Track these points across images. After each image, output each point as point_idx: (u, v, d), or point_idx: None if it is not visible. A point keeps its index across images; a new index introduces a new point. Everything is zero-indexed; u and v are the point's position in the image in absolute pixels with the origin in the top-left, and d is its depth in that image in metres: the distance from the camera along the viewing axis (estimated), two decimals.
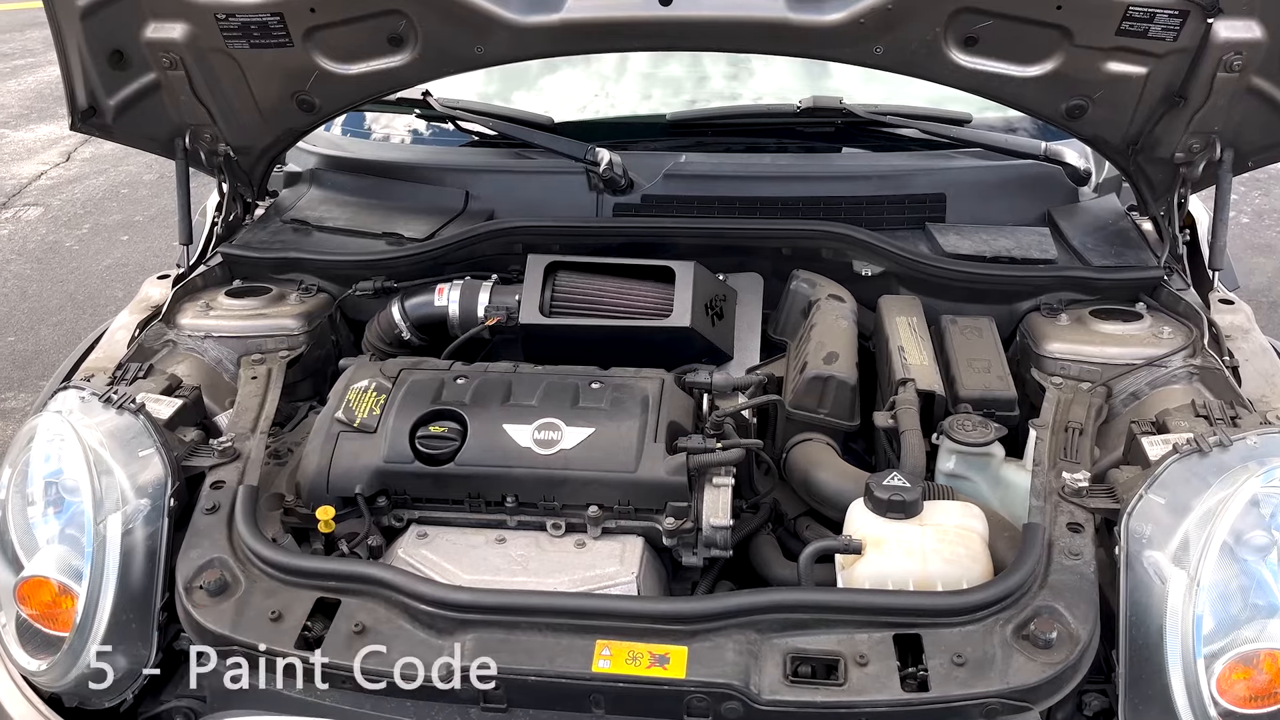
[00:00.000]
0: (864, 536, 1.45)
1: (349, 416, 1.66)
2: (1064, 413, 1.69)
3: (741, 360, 1.96)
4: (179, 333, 1.96)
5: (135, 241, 5.43)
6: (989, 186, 2.25)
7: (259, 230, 2.24)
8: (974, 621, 1.32)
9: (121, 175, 6.19)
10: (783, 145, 2.41)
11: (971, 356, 1.83)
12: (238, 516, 1.50)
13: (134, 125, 2.07)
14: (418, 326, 2.02)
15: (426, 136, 2.56)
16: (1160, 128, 1.89)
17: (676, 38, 1.93)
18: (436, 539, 1.59)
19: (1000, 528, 1.55)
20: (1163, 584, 1.31)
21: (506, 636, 1.34)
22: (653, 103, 2.69)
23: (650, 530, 1.59)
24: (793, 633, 1.33)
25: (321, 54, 1.94)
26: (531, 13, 1.83)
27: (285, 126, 2.13)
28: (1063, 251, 2.08)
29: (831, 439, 1.79)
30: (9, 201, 6.02)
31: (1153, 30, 1.73)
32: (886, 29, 1.80)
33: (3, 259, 5.26)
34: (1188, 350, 1.78)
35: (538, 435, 1.60)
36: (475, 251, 2.10)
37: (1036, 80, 1.87)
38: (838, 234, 2.06)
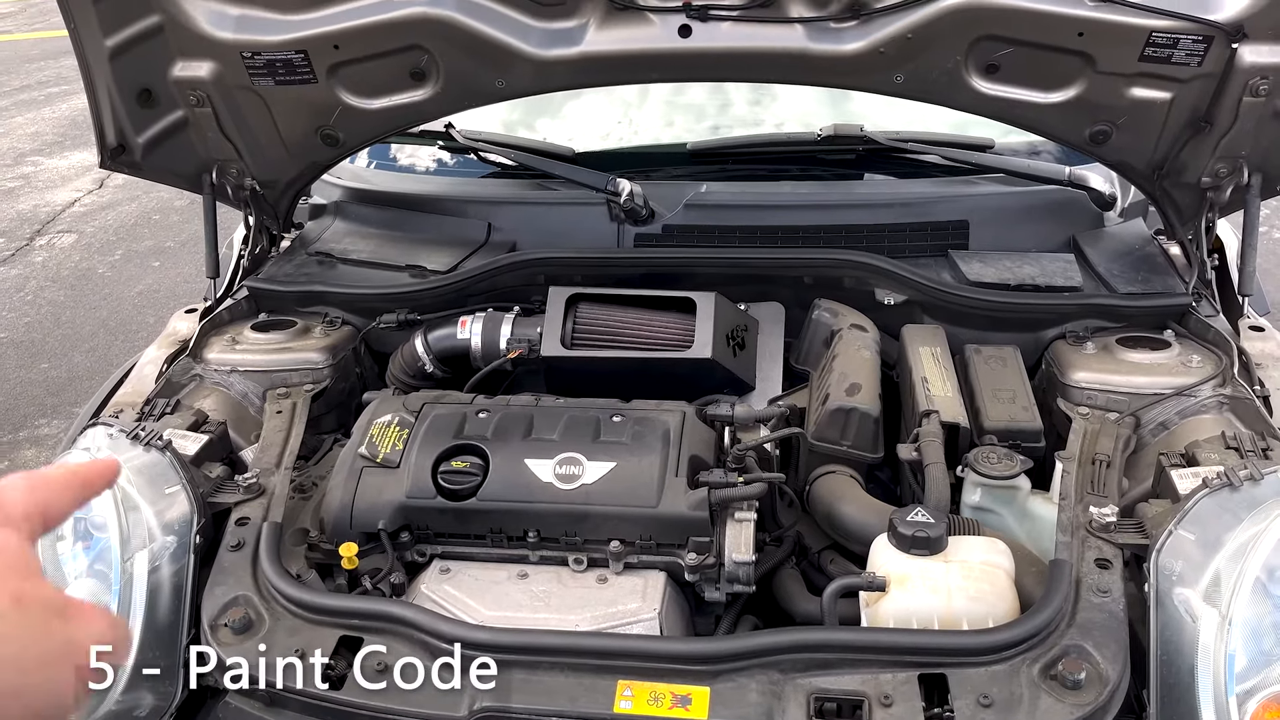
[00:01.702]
0: (888, 573, 1.43)
1: (372, 451, 1.67)
2: (1091, 444, 1.67)
3: (764, 390, 1.96)
4: (206, 367, 1.98)
5: (166, 268, 5.50)
6: (1012, 212, 2.23)
7: (284, 263, 2.27)
8: (1000, 661, 1.30)
9: (153, 202, 6.28)
10: (804, 173, 2.40)
11: (996, 387, 1.82)
12: (262, 554, 1.51)
13: (162, 162, 2.10)
14: (441, 359, 2.03)
15: (450, 167, 2.59)
16: (1186, 153, 1.88)
17: (696, 69, 1.94)
18: (459, 574, 1.60)
19: (1027, 562, 1.53)
20: (1194, 622, 1.29)
21: (528, 676, 1.33)
22: (675, 130, 2.70)
23: (672, 565, 1.58)
24: (816, 672, 1.32)
25: (345, 89, 1.96)
26: (551, 46, 1.85)
27: (310, 161, 2.16)
28: (1088, 278, 2.05)
29: (855, 471, 1.77)
30: (43, 229, 6.13)
31: (1176, 56, 1.72)
32: (907, 58, 1.80)
33: (37, 286, 5.35)
34: (1217, 379, 1.76)
35: (559, 470, 1.60)
36: (498, 283, 2.11)
37: (1059, 106, 1.86)
38: (860, 262, 2.05)
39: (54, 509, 0.59)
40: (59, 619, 0.53)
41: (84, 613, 0.55)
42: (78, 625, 0.54)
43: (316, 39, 1.86)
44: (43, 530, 0.58)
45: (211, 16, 1.87)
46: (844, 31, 1.79)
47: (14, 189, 6.80)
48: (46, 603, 0.53)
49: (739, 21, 1.79)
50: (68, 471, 0.62)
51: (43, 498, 0.59)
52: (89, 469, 0.64)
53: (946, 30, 1.75)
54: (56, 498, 0.60)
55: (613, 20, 1.82)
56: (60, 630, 0.53)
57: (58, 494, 0.60)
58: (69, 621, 0.53)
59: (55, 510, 0.59)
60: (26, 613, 0.51)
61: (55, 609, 0.53)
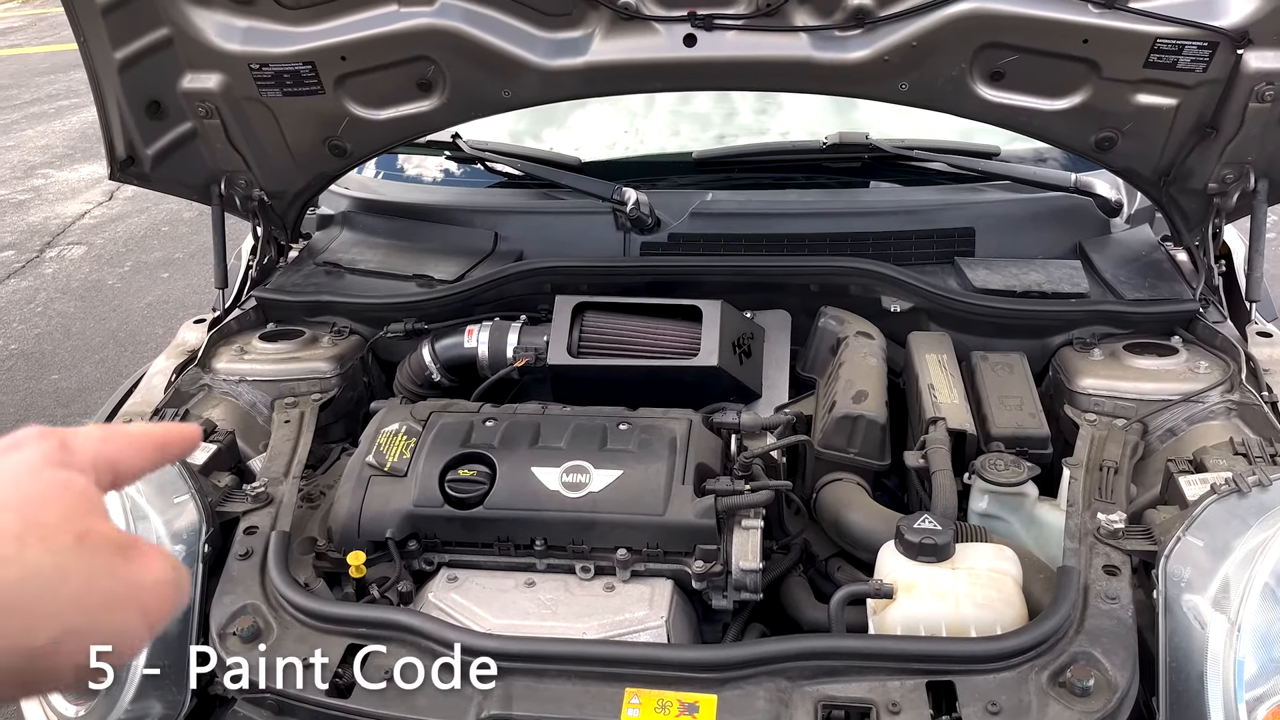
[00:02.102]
0: (895, 580, 1.43)
1: (379, 460, 1.67)
2: (1098, 451, 1.66)
3: (770, 398, 1.96)
4: (214, 377, 1.99)
5: (175, 279, 5.53)
6: (1018, 219, 2.23)
7: (292, 273, 2.28)
8: (1009, 668, 1.29)
9: (162, 213, 6.32)
10: (810, 181, 2.41)
11: (1003, 394, 1.81)
12: (270, 562, 1.51)
13: (171, 173, 2.11)
14: (448, 368, 2.03)
15: (457, 177, 2.60)
16: (1192, 159, 1.88)
17: (701, 78, 1.95)
18: (466, 582, 1.60)
19: (1035, 569, 1.52)
20: (1203, 629, 1.29)
21: (535, 684, 1.33)
22: (681, 138, 2.71)
23: (679, 573, 1.58)
24: (824, 680, 1.31)
25: (352, 100, 1.98)
26: (557, 57, 1.86)
27: (317, 171, 2.17)
28: (1095, 285, 2.05)
29: (862, 478, 1.77)
30: (53, 241, 6.17)
31: (1182, 62, 1.72)
32: (911, 66, 1.80)
33: (47, 297, 5.39)
34: (1225, 385, 1.75)
35: (566, 478, 1.61)
36: (504, 292, 2.12)
37: (1064, 113, 1.86)
38: (866, 270, 2.05)
39: (125, 465, 0.57)
40: (122, 559, 0.51)
41: (147, 553, 0.53)
42: (141, 566, 0.52)
43: (324, 50, 1.87)
44: (110, 484, 0.56)
45: (220, 29, 1.88)
46: (848, 40, 1.79)
47: (24, 201, 6.84)
48: (110, 541, 0.51)
49: (744, 31, 1.80)
50: (144, 431, 0.60)
51: (115, 451, 0.57)
52: (167, 432, 0.61)
53: (951, 38, 1.75)
54: (130, 455, 0.58)
55: (618, 30, 1.83)
56: (124, 570, 0.51)
57: (131, 451, 0.58)
58: (131, 562, 0.52)
59: (126, 467, 0.57)
60: (90, 551, 0.50)
61: (119, 548, 0.51)
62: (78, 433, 0.56)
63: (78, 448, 0.55)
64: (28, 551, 0.48)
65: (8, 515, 0.48)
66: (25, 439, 0.54)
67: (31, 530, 0.48)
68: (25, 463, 0.52)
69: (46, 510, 0.50)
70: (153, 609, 0.52)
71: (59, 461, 0.53)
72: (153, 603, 0.52)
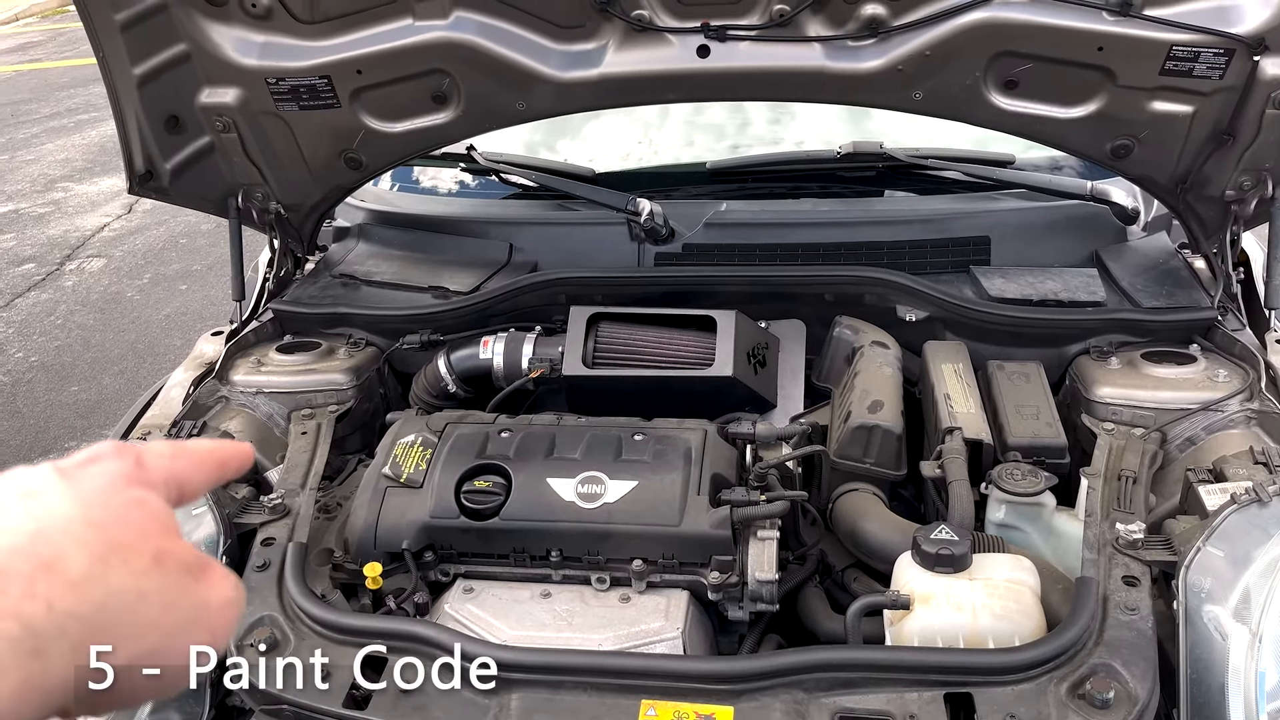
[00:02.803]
0: (912, 591, 1.42)
1: (395, 472, 1.68)
2: (1117, 460, 1.65)
3: (785, 408, 1.96)
4: (231, 389, 2.00)
5: (193, 290, 5.57)
6: (1034, 228, 2.22)
7: (309, 285, 2.29)
8: (1027, 680, 1.29)
9: (180, 226, 6.37)
10: (824, 191, 2.41)
11: (1020, 403, 1.80)
12: (287, 574, 1.52)
13: (189, 187, 2.13)
14: (463, 379, 2.04)
15: (472, 189, 2.61)
16: (1209, 166, 1.86)
17: (715, 89, 1.95)
18: (482, 594, 1.60)
19: (1053, 580, 1.51)
20: (1224, 640, 1.28)
21: (551, 696, 1.33)
22: (695, 149, 2.71)
23: (695, 584, 1.58)
24: (841, 692, 1.31)
25: (368, 113, 1.99)
26: (571, 69, 1.87)
27: (333, 184, 2.18)
28: (1112, 293, 2.04)
29: (878, 488, 1.77)
30: (73, 253, 6.22)
31: (1198, 69, 1.72)
32: (925, 75, 1.80)
33: (67, 310, 5.43)
34: (1245, 394, 1.74)
35: (581, 489, 1.61)
36: (519, 303, 2.13)
37: (1080, 121, 1.85)
38: (880, 279, 2.05)
39: (190, 483, 0.58)
40: (192, 580, 0.52)
41: (214, 574, 0.54)
42: (209, 587, 0.53)
43: (339, 64, 1.89)
44: (177, 501, 0.57)
45: (237, 44, 1.89)
46: (862, 50, 1.79)
47: (45, 215, 6.91)
48: (182, 563, 0.52)
49: (757, 41, 1.80)
50: (209, 449, 0.61)
51: (183, 468, 0.58)
52: (227, 451, 0.62)
53: (965, 47, 1.75)
54: (195, 472, 0.59)
55: (632, 42, 1.84)
56: (195, 591, 0.52)
57: (196, 468, 0.59)
58: (200, 583, 0.53)
59: (191, 485, 0.58)
60: (166, 572, 0.51)
61: (190, 570, 0.52)
62: (150, 449, 0.57)
63: (151, 465, 0.55)
64: (111, 573, 0.48)
65: (92, 533, 0.49)
66: (103, 453, 0.54)
67: (114, 551, 0.49)
68: (106, 479, 0.52)
69: (127, 530, 0.50)
70: (219, 629, 0.54)
71: (136, 479, 0.54)
72: (219, 623, 0.54)
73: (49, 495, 0.50)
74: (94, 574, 0.48)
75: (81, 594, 0.47)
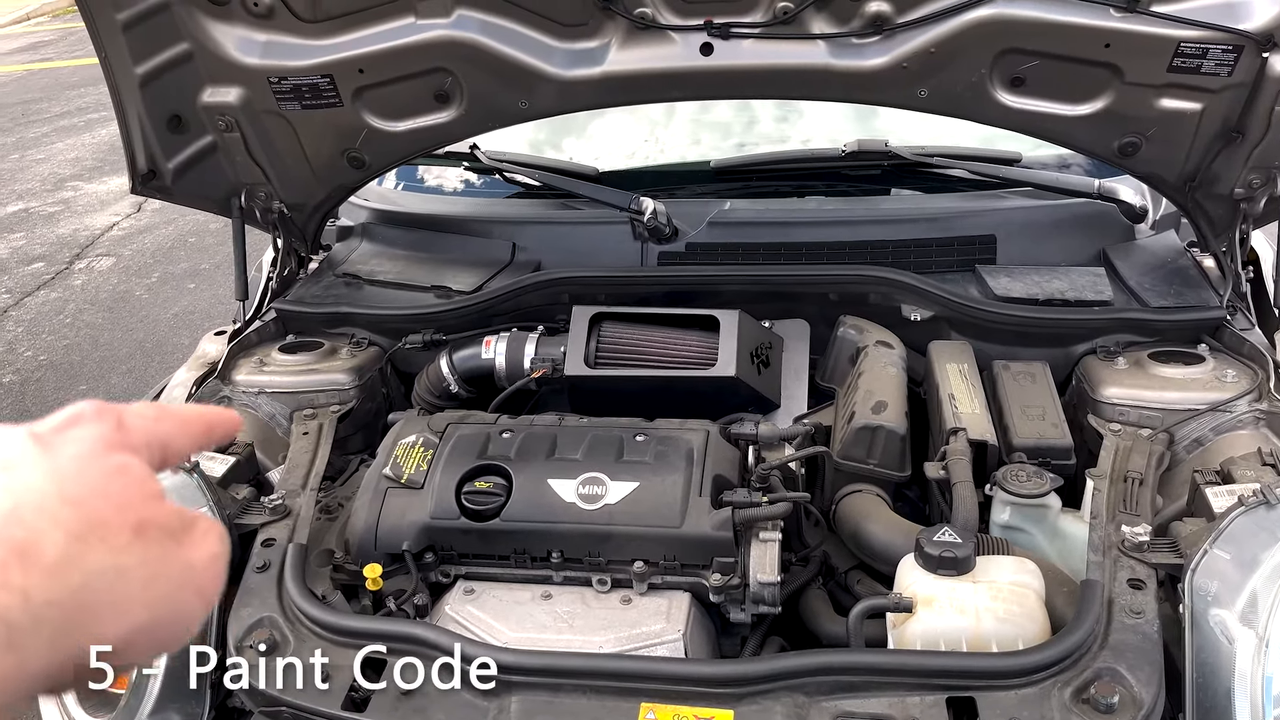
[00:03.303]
0: (915, 594, 1.41)
1: (396, 472, 1.67)
2: (1123, 461, 1.64)
3: (789, 408, 1.94)
4: (234, 389, 2.00)
5: (201, 289, 5.58)
6: (1041, 226, 2.20)
7: (312, 285, 2.29)
8: (1031, 684, 1.27)
9: (189, 225, 6.38)
10: (829, 189, 2.39)
11: (1025, 403, 1.79)
12: (287, 575, 1.52)
13: (192, 186, 2.13)
14: (465, 379, 2.03)
15: (475, 188, 2.60)
16: (1218, 164, 1.85)
17: (719, 87, 1.94)
18: (483, 595, 1.59)
19: (1058, 582, 1.50)
20: (1230, 644, 1.26)
21: (551, 699, 1.33)
22: (701, 147, 2.70)
23: (697, 586, 1.57)
24: (842, 695, 1.30)
25: (370, 112, 1.98)
26: (574, 67, 1.86)
27: (336, 183, 2.18)
28: (1119, 292, 2.02)
29: (882, 490, 1.76)
30: (82, 252, 6.24)
31: (1206, 66, 1.70)
32: (930, 73, 1.79)
33: (76, 309, 5.45)
34: (1253, 394, 1.72)
35: (582, 490, 1.60)
36: (522, 303, 2.12)
37: (1087, 119, 1.84)
38: (885, 278, 2.04)
39: (174, 445, 0.57)
40: (175, 543, 0.52)
41: (197, 531, 0.53)
42: (192, 547, 0.52)
43: (342, 63, 1.88)
44: (160, 464, 0.56)
45: (239, 43, 1.89)
46: (866, 47, 1.78)
47: (54, 214, 6.94)
48: (165, 529, 0.51)
49: (761, 39, 1.79)
50: (195, 412, 0.60)
51: (166, 430, 0.56)
52: (213, 415, 0.61)
53: (970, 44, 1.73)
54: (179, 435, 0.57)
55: (635, 40, 1.83)
56: (179, 555, 0.51)
57: (181, 432, 0.58)
58: (184, 545, 0.52)
59: (175, 447, 0.57)
60: (147, 543, 0.50)
61: (172, 533, 0.52)
62: (132, 410, 0.55)
63: (132, 426, 0.54)
64: (90, 554, 0.47)
65: (68, 510, 0.48)
66: (83, 415, 0.53)
67: (92, 530, 0.48)
68: (84, 444, 0.51)
69: (106, 502, 0.49)
70: (207, 587, 0.53)
71: (117, 442, 0.52)
72: (207, 581, 0.53)
73: (24, 468, 0.48)
74: (71, 556, 0.46)
75: (59, 580, 0.46)
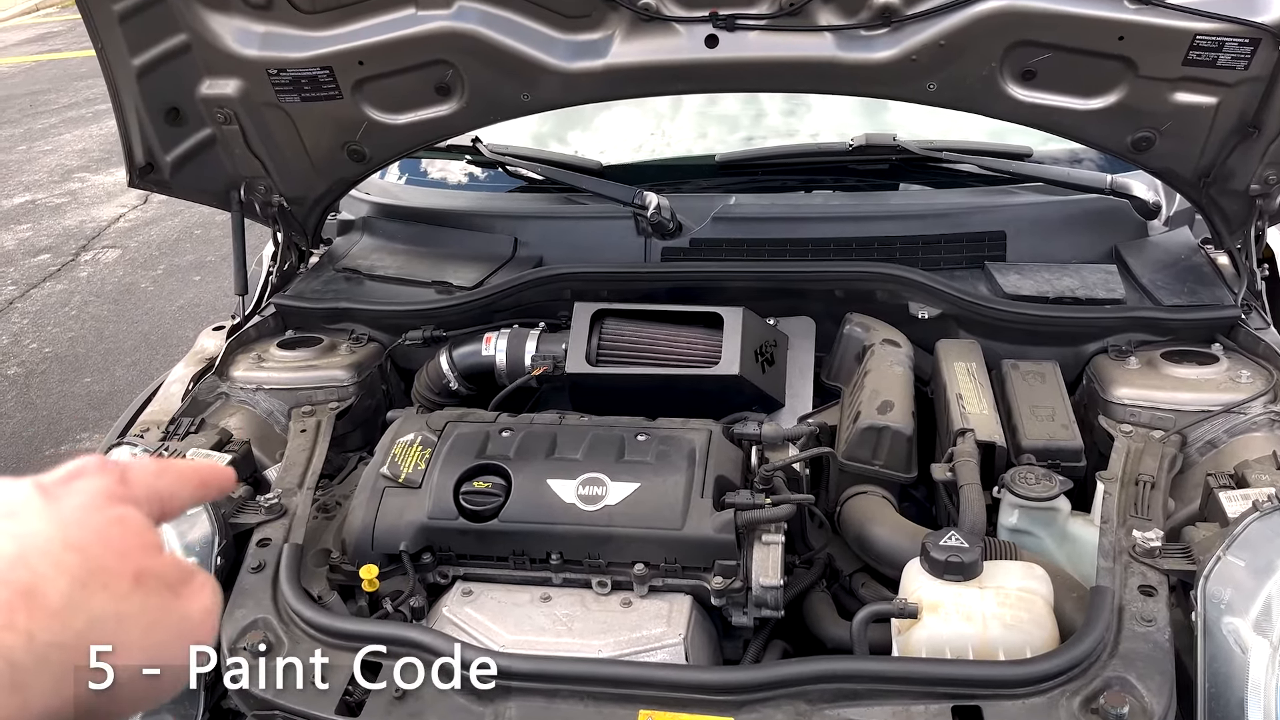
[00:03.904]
0: (920, 599, 1.38)
1: (394, 471, 1.65)
2: (1134, 464, 1.60)
3: (793, 407, 1.91)
4: (232, 385, 1.98)
5: (207, 282, 5.58)
6: (1051, 223, 2.17)
7: (312, 280, 2.27)
8: (1039, 693, 1.24)
9: (195, 217, 6.37)
10: (836, 184, 2.36)
11: (1034, 404, 1.75)
12: (282, 576, 1.49)
13: (190, 179, 2.11)
14: (465, 376, 2.01)
15: (479, 182, 2.58)
16: (1233, 159, 1.81)
17: (724, 80, 1.91)
18: (481, 597, 1.57)
19: (1067, 587, 1.47)
20: (1243, 653, 1.23)
21: (548, 704, 1.30)
22: (708, 141, 2.67)
23: (698, 589, 1.54)
24: (845, 703, 1.27)
25: (370, 105, 1.96)
26: (577, 59, 1.83)
27: (337, 176, 2.15)
28: (1131, 290, 1.99)
29: (888, 491, 1.73)
30: (89, 244, 6.24)
31: (1222, 59, 1.66)
32: (939, 65, 1.76)
33: (82, 301, 5.45)
34: (1268, 395, 1.68)
35: (582, 491, 1.57)
36: (523, 299, 2.09)
37: (1099, 113, 1.80)
38: (892, 275, 2.00)
39: (173, 501, 0.59)
40: (173, 595, 0.53)
41: (193, 584, 0.55)
42: (189, 600, 0.54)
43: (341, 55, 1.86)
44: (159, 517, 0.57)
45: (237, 34, 1.87)
46: (874, 39, 1.75)
47: (61, 205, 6.94)
48: (163, 580, 0.53)
49: (767, 31, 1.76)
50: (191, 468, 0.63)
51: (167, 485, 0.58)
52: (210, 471, 0.64)
53: (980, 36, 1.70)
54: (178, 490, 0.59)
55: (639, 32, 1.80)
56: (175, 607, 0.53)
57: (180, 486, 0.60)
58: (180, 597, 0.54)
59: (174, 503, 0.59)
60: (147, 593, 0.52)
61: (170, 585, 0.53)
62: (134, 466, 0.58)
63: (134, 480, 0.56)
64: (92, 599, 0.49)
65: (72, 557, 0.49)
66: (86, 469, 0.55)
67: (95, 576, 0.50)
68: (88, 496, 0.53)
69: (107, 550, 0.51)
70: (202, 639, 0.55)
71: (119, 495, 0.54)
72: (202, 633, 0.55)
73: (29, 516, 0.50)
74: (75, 600, 0.48)
75: (63, 622, 0.48)
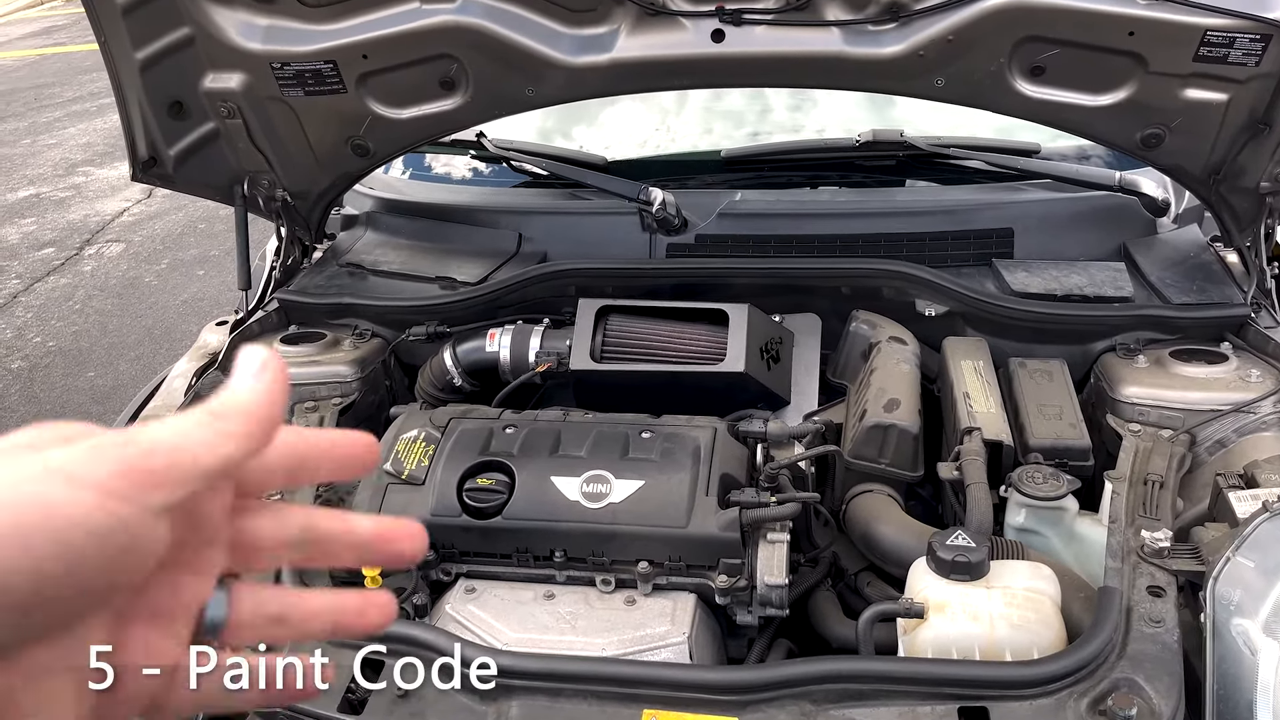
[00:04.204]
0: (926, 599, 1.37)
1: (397, 468, 1.64)
2: (1143, 463, 1.59)
3: (799, 404, 1.90)
4: None
5: (211, 276, 5.57)
6: (1059, 220, 2.15)
7: (316, 274, 2.26)
8: (1046, 694, 1.23)
9: (199, 211, 6.36)
10: (842, 180, 2.35)
11: (1042, 402, 1.74)
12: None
13: (194, 174, 2.10)
14: (469, 372, 2.00)
15: (483, 177, 2.56)
16: (1244, 156, 1.79)
17: (730, 75, 1.90)
18: (484, 594, 1.56)
19: (1075, 587, 1.46)
20: (1253, 655, 1.22)
21: (550, 704, 1.29)
22: (714, 136, 2.65)
23: (703, 587, 1.54)
24: (850, 704, 1.26)
25: (374, 99, 1.95)
26: (582, 53, 1.82)
27: (341, 171, 2.14)
28: (1140, 288, 1.97)
29: (894, 490, 1.71)
30: (93, 238, 6.23)
31: (1233, 55, 1.65)
32: (947, 61, 1.74)
33: (85, 295, 5.44)
34: (1278, 395, 1.67)
35: (586, 488, 1.56)
36: (528, 294, 2.08)
37: (1109, 109, 1.79)
38: (899, 272, 1.99)
39: (305, 473, 0.53)
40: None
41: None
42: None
43: (345, 49, 1.85)
44: (284, 484, 0.52)
45: (241, 28, 1.86)
46: (882, 34, 1.73)
47: (65, 199, 6.93)
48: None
49: (773, 25, 1.74)
50: (329, 440, 0.54)
51: (301, 454, 0.52)
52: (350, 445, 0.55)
53: (989, 31, 1.68)
54: (314, 466, 0.53)
55: (644, 26, 1.78)
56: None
57: (317, 460, 0.53)
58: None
59: (306, 475, 0.53)
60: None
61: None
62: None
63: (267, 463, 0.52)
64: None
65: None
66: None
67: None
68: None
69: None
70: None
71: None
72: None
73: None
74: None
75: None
